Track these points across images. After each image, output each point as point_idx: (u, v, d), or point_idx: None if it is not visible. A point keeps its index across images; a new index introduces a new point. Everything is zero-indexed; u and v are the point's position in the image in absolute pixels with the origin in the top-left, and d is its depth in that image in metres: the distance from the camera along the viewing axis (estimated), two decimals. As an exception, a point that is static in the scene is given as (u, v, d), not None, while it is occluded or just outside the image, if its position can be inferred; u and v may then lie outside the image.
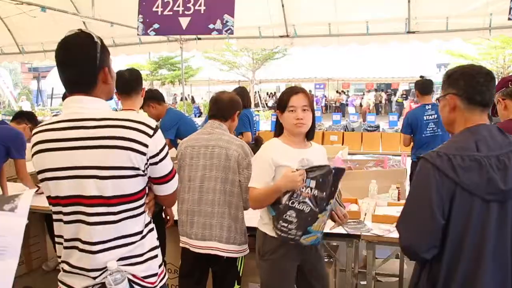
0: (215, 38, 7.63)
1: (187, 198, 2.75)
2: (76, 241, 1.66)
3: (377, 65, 25.12)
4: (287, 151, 2.40)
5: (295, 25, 6.94)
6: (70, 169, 1.61)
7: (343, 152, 5.04)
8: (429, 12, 6.22)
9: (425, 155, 1.67)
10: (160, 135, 1.69)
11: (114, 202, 1.61)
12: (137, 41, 8.04)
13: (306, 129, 2.41)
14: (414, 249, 1.67)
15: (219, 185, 2.69)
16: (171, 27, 3.20)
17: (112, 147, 1.58)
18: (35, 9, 5.77)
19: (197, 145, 2.76)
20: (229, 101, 2.85)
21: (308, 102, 2.39)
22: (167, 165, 1.74)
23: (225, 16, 3.06)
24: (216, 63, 25.75)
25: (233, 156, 2.68)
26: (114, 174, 1.59)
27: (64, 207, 1.65)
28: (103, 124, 1.60)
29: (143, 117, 1.68)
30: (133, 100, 3.06)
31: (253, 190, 2.37)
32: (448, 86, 1.75)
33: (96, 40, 1.66)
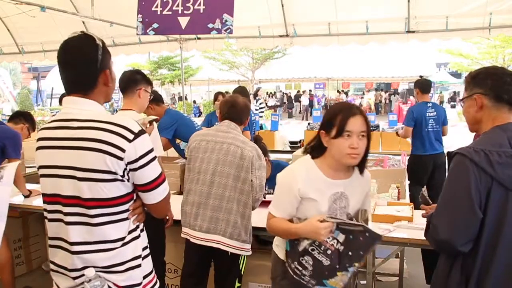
0: (215, 37, 7.62)
1: (194, 189, 2.79)
2: (59, 240, 1.67)
3: (377, 64, 25.13)
4: (321, 181, 2.04)
5: (294, 25, 6.94)
6: (51, 167, 1.64)
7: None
8: (429, 11, 6.22)
9: (461, 151, 1.71)
10: (143, 141, 1.65)
11: (90, 204, 1.60)
12: (137, 41, 8.03)
13: (359, 160, 2.00)
14: (452, 242, 1.68)
15: (230, 181, 2.72)
16: (170, 27, 3.20)
17: (89, 149, 1.58)
18: (35, 9, 5.77)
19: (214, 140, 2.81)
20: (245, 107, 2.95)
21: (366, 127, 1.98)
22: (151, 172, 1.68)
23: (225, 15, 3.06)
24: (216, 62, 25.81)
25: (248, 156, 2.73)
26: (90, 177, 1.58)
27: (48, 204, 1.68)
28: (86, 125, 1.60)
29: (128, 120, 1.65)
30: (129, 99, 3.08)
31: (271, 217, 2.12)
32: (474, 86, 1.82)
33: (98, 42, 1.67)
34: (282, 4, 6.67)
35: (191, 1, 3.15)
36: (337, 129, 1.95)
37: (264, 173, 2.82)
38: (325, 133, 2.01)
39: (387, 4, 6.37)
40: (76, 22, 7.09)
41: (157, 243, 2.99)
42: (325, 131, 2.01)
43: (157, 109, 4.20)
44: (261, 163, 2.79)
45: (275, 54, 25.82)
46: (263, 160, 2.82)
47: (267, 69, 27.37)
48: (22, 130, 4.15)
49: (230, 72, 26.76)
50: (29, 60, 10.49)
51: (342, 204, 2.06)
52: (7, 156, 3.66)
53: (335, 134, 1.95)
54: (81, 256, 1.62)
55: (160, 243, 3.24)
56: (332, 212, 2.01)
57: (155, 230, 2.67)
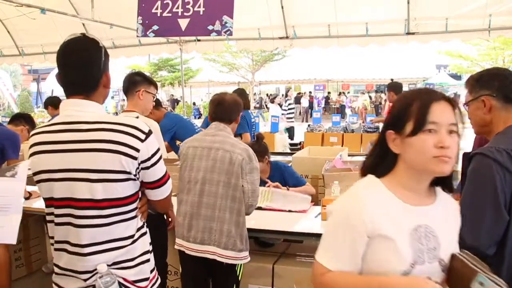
0: (215, 39, 7.63)
1: (185, 199, 2.67)
2: (65, 244, 1.68)
3: (377, 66, 25.16)
4: (397, 210, 1.35)
5: (294, 27, 6.95)
6: (63, 171, 1.63)
7: (343, 154, 5.04)
8: (428, 13, 6.23)
9: (483, 151, 1.65)
10: (153, 140, 1.70)
11: (104, 205, 1.62)
12: (137, 43, 8.04)
13: (452, 167, 1.32)
14: (481, 248, 1.59)
15: (221, 189, 2.59)
16: (170, 29, 3.21)
17: (103, 150, 1.59)
18: (35, 11, 5.78)
19: (201, 146, 2.68)
20: (234, 103, 2.79)
21: (457, 119, 1.34)
22: (160, 169, 1.75)
23: (224, 17, 3.06)
24: (216, 64, 25.83)
25: (237, 160, 2.57)
26: (105, 178, 1.60)
27: (56, 208, 1.68)
28: (96, 127, 1.62)
29: (137, 121, 1.69)
30: (131, 101, 3.12)
31: (324, 271, 1.36)
32: (480, 88, 1.79)
33: (101, 45, 1.70)
34: (282, 6, 6.68)
35: (191, 3, 3.15)
36: (415, 121, 1.30)
37: (256, 175, 2.66)
38: (395, 132, 1.35)
39: (386, 6, 6.38)
40: (76, 24, 7.10)
41: (159, 244, 2.99)
42: (394, 129, 1.36)
43: (156, 113, 4.22)
44: (252, 165, 2.62)
45: (275, 56, 25.84)
46: (254, 162, 2.65)
47: (267, 70, 27.39)
48: (22, 132, 4.16)
49: (230, 74, 26.78)
50: (29, 62, 10.50)
51: (431, 244, 1.34)
52: (6, 157, 3.66)
53: (413, 129, 1.30)
54: (93, 257, 1.64)
55: (162, 245, 3.24)
56: (417, 257, 1.31)
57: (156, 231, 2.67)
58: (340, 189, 3.74)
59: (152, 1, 3.26)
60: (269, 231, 3.21)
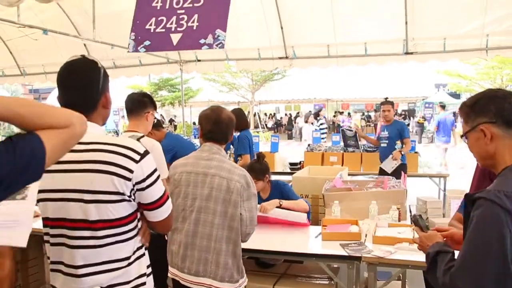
0: (215, 59, 7.71)
1: (180, 228, 2.52)
2: (59, 264, 1.67)
3: (376, 85, 25.29)
4: None
5: (294, 47, 7.02)
6: (57, 191, 1.63)
7: (343, 173, 5.03)
8: (427, 33, 6.30)
9: (489, 196, 1.42)
10: (149, 161, 1.68)
11: (98, 226, 1.61)
12: (137, 63, 8.11)
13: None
14: None
15: (217, 219, 2.44)
16: (162, 44, 3.22)
17: (96, 171, 1.59)
18: (37, 32, 5.83)
19: (195, 171, 2.51)
20: (230, 122, 2.62)
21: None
22: (158, 190, 1.71)
23: (217, 31, 3.06)
24: (216, 84, 25.96)
25: (235, 189, 2.43)
26: (98, 198, 1.59)
27: (51, 229, 1.68)
28: (91, 148, 1.62)
29: (132, 142, 1.68)
30: (137, 121, 3.13)
31: None
32: (475, 116, 1.58)
33: (99, 65, 1.71)
34: (282, 26, 6.75)
35: (185, 19, 3.17)
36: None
37: (254, 202, 2.53)
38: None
39: (385, 26, 6.45)
40: (77, 44, 7.17)
41: (160, 264, 2.96)
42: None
43: (157, 133, 4.23)
44: (250, 192, 2.48)
45: (275, 75, 26.02)
46: (252, 188, 2.51)
47: (266, 90, 27.53)
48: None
49: (230, 94, 26.90)
50: (31, 82, 10.56)
51: None
52: None
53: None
54: (87, 279, 1.62)
55: (163, 264, 3.21)
56: None
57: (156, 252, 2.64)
58: (340, 208, 3.73)
59: (147, 18, 3.28)
60: (269, 252, 3.19)
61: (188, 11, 3.19)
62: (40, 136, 1.08)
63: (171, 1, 3.28)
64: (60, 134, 1.14)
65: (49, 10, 6.66)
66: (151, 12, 3.30)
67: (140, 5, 3.38)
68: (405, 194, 3.99)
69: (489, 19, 5.82)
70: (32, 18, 6.27)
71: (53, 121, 1.13)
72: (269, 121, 32.77)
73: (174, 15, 3.22)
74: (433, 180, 7.14)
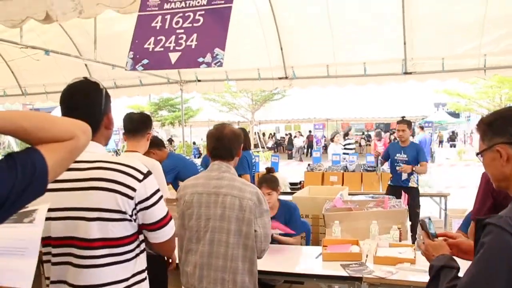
0: (215, 80, 7.75)
1: (195, 249, 2.51)
2: (62, 284, 1.65)
3: (376, 105, 25.41)
4: None
5: (293, 67, 7.06)
6: (60, 210, 1.63)
7: (344, 193, 5.02)
8: (425, 53, 6.34)
9: (500, 223, 1.38)
10: (152, 181, 1.69)
11: (98, 244, 1.61)
12: (138, 83, 8.15)
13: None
14: None
15: (232, 237, 2.44)
16: (160, 62, 3.24)
17: (99, 188, 1.60)
18: (39, 52, 5.88)
19: (206, 192, 2.51)
20: (234, 137, 2.61)
21: None
22: (160, 210, 1.72)
23: (216, 49, 3.09)
24: (216, 104, 26.10)
25: (248, 206, 2.43)
26: (100, 216, 1.60)
27: (54, 248, 1.67)
28: (95, 166, 1.63)
29: (136, 161, 1.70)
30: (138, 142, 3.16)
31: None
32: (492, 135, 1.54)
33: (101, 87, 1.74)
34: (281, 47, 6.81)
35: (184, 38, 3.20)
36: None
37: (267, 218, 2.54)
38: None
39: (384, 47, 6.51)
40: (79, 65, 7.22)
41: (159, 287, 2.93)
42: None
43: (158, 153, 4.25)
44: (262, 208, 2.49)
45: (275, 95, 26.18)
46: (264, 205, 2.52)
47: (266, 110, 27.65)
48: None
49: (230, 114, 27.02)
50: (32, 101, 10.60)
51: None
52: None
53: None
54: None
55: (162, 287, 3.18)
56: None
57: (156, 273, 2.62)
58: (341, 229, 3.71)
59: (146, 37, 3.32)
60: (270, 272, 3.16)
61: (187, 30, 3.22)
62: (42, 151, 1.08)
63: (170, 21, 3.32)
64: (63, 147, 1.14)
65: (51, 31, 6.72)
66: (150, 32, 3.34)
67: (139, 25, 3.42)
68: (405, 214, 3.97)
69: (486, 40, 5.88)
70: (34, 39, 6.33)
71: (56, 134, 1.13)
72: (269, 140, 32.82)
73: (173, 34, 3.25)
74: (434, 199, 7.11)
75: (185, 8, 3.31)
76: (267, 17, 6.41)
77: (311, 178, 7.25)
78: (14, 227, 1.45)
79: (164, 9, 3.38)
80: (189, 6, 3.30)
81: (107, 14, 4.09)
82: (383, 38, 6.41)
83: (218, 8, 3.21)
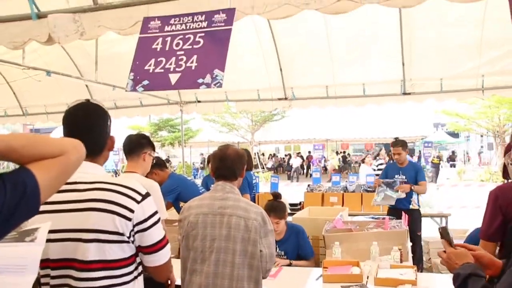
0: (215, 100, 7.80)
1: (199, 270, 2.48)
2: None
3: (375, 125, 25.50)
4: None
5: (293, 88, 7.11)
6: (58, 231, 1.62)
7: (344, 214, 5.00)
8: (423, 74, 6.39)
9: None
10: (150, 202, 1.69)
11: (95, 266, 1.60)
12: (138, 104, 8.18)
13: None
14: None
15: (237, 258, 2.43)
16: (160, 83, 3.28)
17: (97, 209, 1.59)
18: (41, 73, 5.93)
19: (211, 212, 2.50)
20: (237, 158, 2.63)
21: None
22: (158, 233, 1.71)
23: (216, 70, 3.11)
24: (216, 124, 26.17)
25: (253, 227, 2.44)
26: (97, 238, 1.59)
27: (53, 270, 1.65)
28: (93, 187, 1.63)
29: (134, 183, 1.70)
30: (135, 162, 3.18)
31: None
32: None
33: (106, 110, 1.77)
34: (281, 68, 6.86)
35: (184, 59, 3.24)
36: None
37: (272, 238, 2.54)
38: None
39: (383, 67, 6.56)
40: (80, 85, 7.26)
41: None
42: None
43: (160, 173, 4.26)
44: (267, 228, 2.50)
45: (274, 116, 26.27)
46: (269, 225, 2.52)
47: (266, 131, 27.72)
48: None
49: (230, 134, 27.07)
50: (32, 122, 10.62)
51: None
52: None
53: None
54: None
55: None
56: None
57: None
58: (341, 250, 3.69)
59: (147, 59, 3.36)
60: (269, 294, 3.13)
61: (188, 52, 3.26)
62: (32, 169, 1.08)
63: (171, 43, 3.36)
64: (54, 164, 1.13)
65: (53, 52, 6.78)
66: (151, 53, 3.38)
67: (140, 47, 3.46)
68: (406, 235, 3.95)
69: (484, 60, 5.93)
70: (36, 60, 6.38)
71: (45, 150, 1.13)
72: (268, 161, 32.80)
73: (173, 56, 3.29)
74: (435, 219, 7.07)
75: (186, 30, 3.36)
76: (267, 38, 6.48)
77: (311, 199, 7.23)
78: (16, 246, 1.46)
79: (165, 31, 3.42)
80: (190, 28, 3.35)
81: (108, 36, 4.15)
82: (381, 59, 6.47)
83: (218, 30, 3.25)
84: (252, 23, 6.08)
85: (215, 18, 3.29)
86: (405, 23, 5.74)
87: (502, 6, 2.83)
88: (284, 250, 3.94)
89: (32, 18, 3.86)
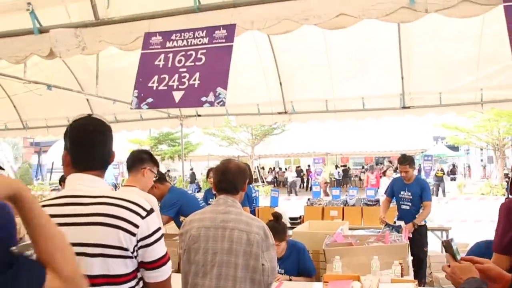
0: (215, 114, 7.83)
1: (201, 283, 2.47)
2: None
3: (375, 138, 25.54)
4: None
5: (293, 102, 7.14)
6: None
7: (344, 228, 4.98)
8: (423, 88, 6.43)
9: None
10: (154, 218, 1.70)
11: (99, 281, 1.59)
12: (138, 118, 8.21)
13: None
14: None
15: (239, 272, 2.42)
16: (164, 101, 3.29)
17: (102, 224, 1.60)
18: (42, 87, 5.96)
19: (213, 226, 2.50)
20: (239, 172, 2.64)
21: None
22: (161, 249, 1.71)
23: (218, 89, 3.14)
24: (216, 138, 26.22)
25: (255, 241, 2.43)
26: (101, 252, 1.59)
27: None
28: (98, 201, 1.64)
29: (139, 198, 1.71)
30: (134, 177, 3.20)
31: None
32: None
33: (109, 125, 1.80)
34: (280, 82, 6.90)
35: (187, 77, 3.26)
36: None
37: (273, 252, 2.54)
38: None
39: (382, 81, 6.60)
40: (80, 99, 7.30)
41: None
42: None
43: (161, 187, 4.27)
44: (268, 242, 2.50)
45: (274, 130, 26.32)
46: (270, 239, 2.53)
47: (266, 144, 27.76)
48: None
49: (230, 148, 27.10)
50: (32, 135, 10.66)
51: None
52: None
53: None
54: None
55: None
56: None
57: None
58: (342, 264, 3.67)
59: (150, 76, 3.39)
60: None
61: (190, 69, 3.28)
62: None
63: (173, 60, 3.38)
64: None
65: (54, 66, 6.82)
66: (153, 70, 3.41)
67: (143, 63, 3.49)
68: (407, 249, 3.94)
69: (482, 74, 5.97)
70: (37, 74, 6.41)
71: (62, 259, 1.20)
72: (268, 175, 32.74)
73: (176, 73, 3.31)
74: (435, 233, 7.05)
75: (187, 46, 3.39)
76: (267, 54, 6.53)
77: (311, 213, 7.20)
78: None
79: (167, 47, 3.45)
80: (191, 44, 3.38)
81: (109, 50, 4.18)
82: (380, 74, 6.52)
83: (219, 47, 3.28)
84: (252, 39, 6.13)
85: (216, 34, 3.33)
86: (403, 38, 5.79)
87: (499, 22, 2.87)
88: (284, 269, 3.89)
89: (34, 32, 3.90)
